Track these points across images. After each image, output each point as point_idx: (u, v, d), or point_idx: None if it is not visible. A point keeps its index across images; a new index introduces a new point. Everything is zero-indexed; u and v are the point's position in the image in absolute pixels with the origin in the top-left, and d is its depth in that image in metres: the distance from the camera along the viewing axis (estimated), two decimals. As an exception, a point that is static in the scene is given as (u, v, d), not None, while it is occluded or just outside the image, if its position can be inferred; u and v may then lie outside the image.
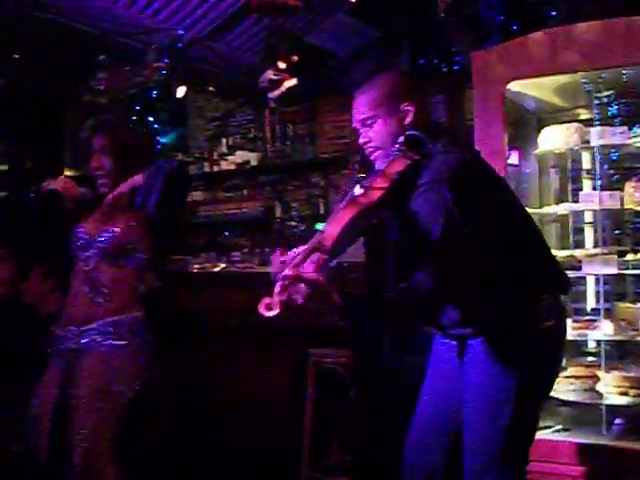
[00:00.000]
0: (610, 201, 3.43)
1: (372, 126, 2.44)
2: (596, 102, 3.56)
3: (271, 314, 1.97)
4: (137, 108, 6.68)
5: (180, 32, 5.71)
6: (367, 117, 2.44)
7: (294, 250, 2.18)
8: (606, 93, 3.65)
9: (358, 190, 2.20)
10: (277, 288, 2.01)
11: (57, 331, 3.08)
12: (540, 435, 3.38)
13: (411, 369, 2.81)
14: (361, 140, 2.48)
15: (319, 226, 2.29)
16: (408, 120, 2.42)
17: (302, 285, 2.04)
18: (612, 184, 3.75)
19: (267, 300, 2.00)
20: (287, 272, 2.02)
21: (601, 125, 3.52)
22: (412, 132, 2.34)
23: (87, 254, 3.07)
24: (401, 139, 2.32)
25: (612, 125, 3.63)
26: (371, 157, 2.47)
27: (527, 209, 3.69)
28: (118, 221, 3.08)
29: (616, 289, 3.81)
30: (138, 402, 3.00)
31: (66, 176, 3.13)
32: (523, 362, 2.34)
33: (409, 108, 2.43)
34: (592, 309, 3.90)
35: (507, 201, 2.48)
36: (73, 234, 3.13)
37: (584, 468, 3.26)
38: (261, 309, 1.99)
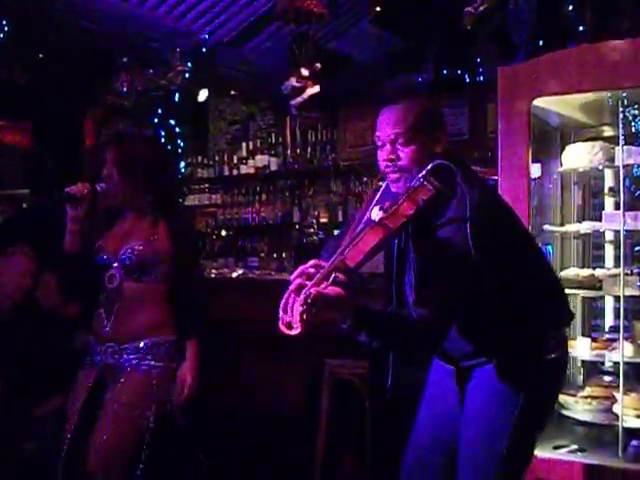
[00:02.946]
0: (634, 222, 3.40)
1: (406, 146, 2.33)
2: (621, 119, 3.52)
3: (293, 333, 1.94)
4: (159, 110, 6.72)
5: (204, 36, 5.72)
6: (402, 135, 2.32)
7: (312, 262, 2.14)
8: (632, 111, 3.61)
9: (377, 212, 2.18)
10: (298, 306, 1.97)
11: (95, 344, 3.16)
12: (555, 455, 3.38)
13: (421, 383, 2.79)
14: (388, 156, 2.34)
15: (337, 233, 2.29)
16: (439, 149, 2.36)
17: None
18: (634, 201, 3.71)
19: (287, 318, 1.98)
20: (309, 290, 1.98)
21: (626, 142, 3.49)
22: (443, 161, 2.28)
23: (110, 272, 3.12)
24: (430, 166, 2.25)
25: (637, 142, 3.60)
26: (389, 175, 2.37)
27: (548, 226, 3.75)
28: (138, 236, 3.12)
29: (635, 308, 3.78)
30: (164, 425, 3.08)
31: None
32: (525, 392, 2.33)
33: (442, 136, 2.39)
34: (610, 327, 3.88)
35: (520, 236, 2.48)
36: (94, 252, 3.18)
37: (598, 490, 3.24)
38: (282, 327, 1.97)
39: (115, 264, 3.12)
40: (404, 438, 2.61)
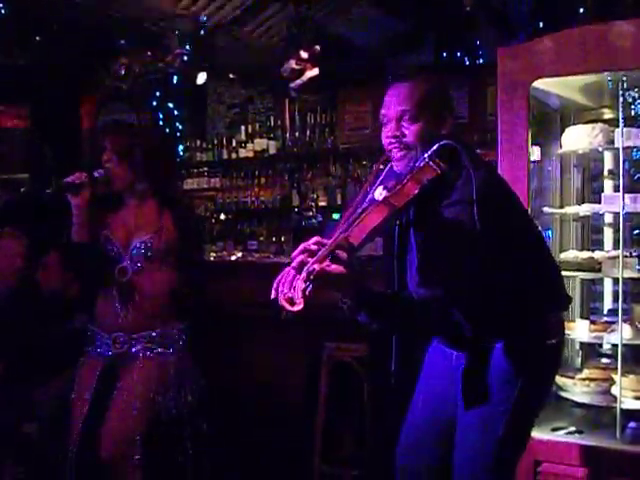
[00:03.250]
0: (633, 204, 3.39)
1: (411, 123, 2.32)
2: (621, 102, 3.51)
3: (295, 309, 1.94)
4: (157, 94, 6.70)
5: (203, 18, 5.68)
6: (409, 112, 2.31)
7: (314, 239, 2.15)
8: (631, 93, 3.60)
9: (380, 192, 2.17)
10: (300, 282, 1.97)
11: (101, 333, 3.17)
12: (553, 436, 3.39)
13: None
14: (392, 132, 2.34)
15: (336, 216, 2.26)
16: (445, 130, 2.35)
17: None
18: (633, 184, 3.71)
19: (289, 294, 1.97)
20: (312, 266, 1.99)
21: (626, 125, 3.48)
22: (450, 142, 2.26)
23: (121, 265, 3.14)
24: (436, 147, 2.25)
25: (636, 124, 3.59)
26: (393, 153, 2.36)
27: (547, 208, 3.74)
28: (146, 227, 3.13)
29: (634, 290, 3.78)
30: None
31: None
32: (524, 376, 2.35)
33: (449, 118, 2.38)
34: (609, 310, 3.88)
35: (522, 219, 2.48)
36: (103, 242, 3.19)
37: (596, 471, 3.24)
38: (283, 303, 1.97)
39: (126, 257, 3.14)
40: (403, 421, 2.63)
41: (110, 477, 3.03)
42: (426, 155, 2.24)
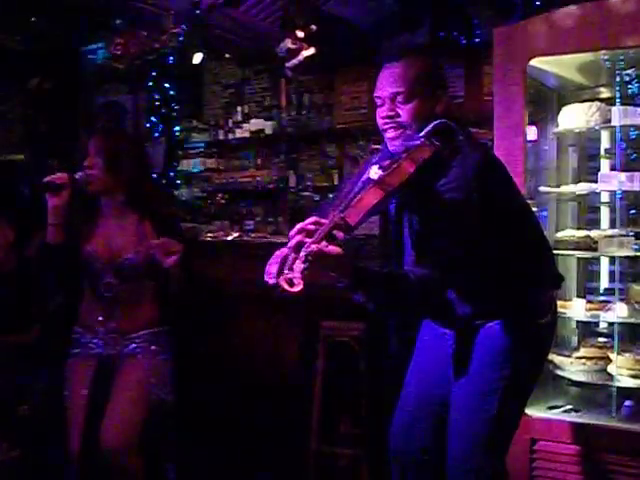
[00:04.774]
0: (629, 183, 3.39)
1: (405, 103, 2.33)
2: (618, 80, 3.50)
3: (295, 290, 1.94)
4: (153, 74, 6.67)
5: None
6: (402, 92, 2.33)
7: (311, 219, 2.15)
8: (628, 71, 3.59)
9: (375, 171, 2.17)
10: (299, 263, 1.97)
11: (90, 335, 3.15)
12: (549, 415, 3.41)
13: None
14: (386, 113, 2.36)
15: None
16: (439, 108, 2.36)
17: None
18: (630, 164, 3.71)
19: (288, 275, 1.97)
20: (310, 247, 1.99)
21: (622, 104, 3.47)
22: (445, 121, 2.28)
23: (106, 281, 3.10)
24: (431, 126, 2.26)
25: (633, 104, 3.58)
26: (387, 133, 2.38)
27: (544, 187, 3.74)
28: (129, 243, 3.11)
29: (630, 269, 3.79)
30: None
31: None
32: (518, 355, 2.38)
33: (443, 96, 2.39)
34: (605, 289, 3.89)
35: (517, 199, 2.49)
36: (86, 257, 3.13)
37: (592, 449, 3.26)
38: (282, 283, 1.96)
39: (109, 272, 3.09)
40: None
41: (113, 473, 3.04)
42: (422, 134, 2.25)
